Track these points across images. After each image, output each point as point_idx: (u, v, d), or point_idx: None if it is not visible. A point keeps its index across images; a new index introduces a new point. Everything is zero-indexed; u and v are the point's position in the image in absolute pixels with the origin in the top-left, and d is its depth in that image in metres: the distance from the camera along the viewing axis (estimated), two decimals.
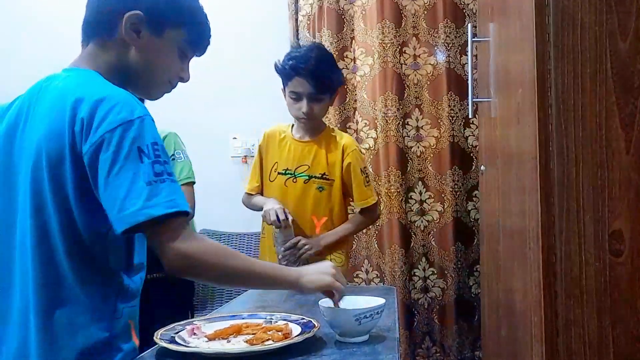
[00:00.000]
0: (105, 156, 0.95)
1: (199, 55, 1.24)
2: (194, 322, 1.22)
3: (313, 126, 2.08)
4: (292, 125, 2.14)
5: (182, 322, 1.22)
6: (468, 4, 2.92)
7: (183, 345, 1.06)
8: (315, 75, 1.95)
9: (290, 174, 2.05)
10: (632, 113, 1.15)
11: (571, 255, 1.15)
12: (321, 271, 1.19)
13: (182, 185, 2.06)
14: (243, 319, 1.25)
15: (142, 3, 1.10)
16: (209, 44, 1.23)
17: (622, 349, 1.15)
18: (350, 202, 2.16)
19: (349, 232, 2.12)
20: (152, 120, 1.01)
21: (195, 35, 1.19)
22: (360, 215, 2.15)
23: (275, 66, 2.04)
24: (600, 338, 1.15)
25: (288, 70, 1.97)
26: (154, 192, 0.95)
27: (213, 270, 1.03)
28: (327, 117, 2.86)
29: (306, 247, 1.96)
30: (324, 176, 2.04)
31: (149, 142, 0.98)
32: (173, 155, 2.13)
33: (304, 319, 1.19)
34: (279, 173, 2.07)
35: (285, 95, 2.06)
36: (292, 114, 2.05)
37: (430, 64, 2.94)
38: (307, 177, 2.03)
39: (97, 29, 1.12)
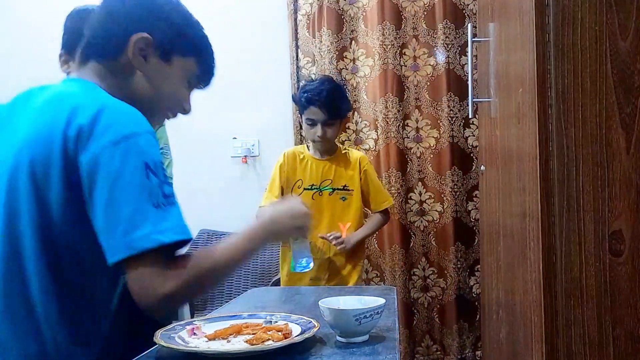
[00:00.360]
0: (108, 170, 0.88)
1: (203, 88, 1.18)
2: (194, 322, 1.22)
3: (327, 147, 2.38)
4: (307, 147, 2.45)
5: (182, 322, 1.22)
6: (468, 4, 2.93)
7: (182, 345, 1.06)
8: (327, 105, 2.27)
9: (316, 188, 2.34)
10: (632, 113, 1.15)
11: (571, 255, 1.15)
12: (290, 214, 1.16)
13: None
14: (243, 318, 1.24)
15: (151, 27, 1.04)
16: (213, 76, 1.17)
17: (622, 349, 1.15)
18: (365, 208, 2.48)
19: (371, 232, 2.47)
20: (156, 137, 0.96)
21: (203, 66, 1.13)
22: (376, 216, 2.46)
23: (293, 98, 2.52)
24: (601, 338, 1.15)
25: (304, 102, 2.30)
26: (162, 216, 0.89)
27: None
28: None
29: (339, 240, 2.25)
30: (345, 187, 2.36)
31: (156, 159, 0.92)
32: (162, 149, 2.11)
33: (303, 319, 1.19)
34: (305, 189, 2.35)
35: (302, 122, 2.41)
36: (309, 138, 2.38)
37: (429, 65, 2.96)
38: (331, 190, 2.35)
39: (102, 49, 1.06)
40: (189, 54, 1.10)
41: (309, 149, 2.43)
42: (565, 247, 1.16)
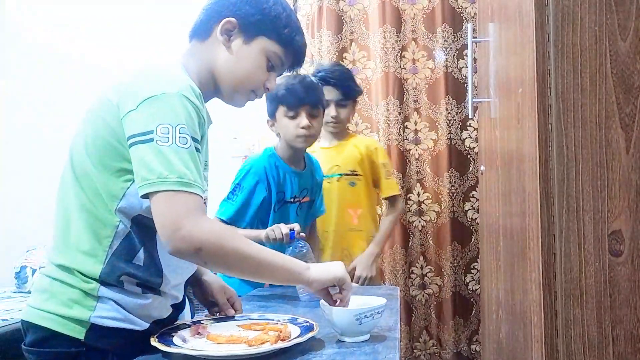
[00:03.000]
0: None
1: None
2: (201, 322, 1.21)
3: (339, 130, 2.35)
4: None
5: (188, 321, 1.23)
6: (466, 8, 2.97)
7: (179, 347, 1.05)
8: (341, 83, 2.26)
9: (325, 176, 2.25)
10: (632, 113, 1.15)
11: (571, 255, 1.15)
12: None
13: None
14: (251, 320, 1.24)
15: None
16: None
17: (621, 349, 1.15)
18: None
19: (384, 237, 2.38)
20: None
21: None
22: (385, 219, 2.41)
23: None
24: (600, 338, 1.15)
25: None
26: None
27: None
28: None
29: (361, 277, 2.22)
30: (354, 172, 2.31)
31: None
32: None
33: (307, 321, 1.18)
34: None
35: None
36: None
37: (428, 67, 2.99)
38: (338, 176, 2.30)
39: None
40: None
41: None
42: (565, 247, 1.16)
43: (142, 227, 1.10)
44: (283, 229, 1.71)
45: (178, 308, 1.26)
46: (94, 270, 1.08)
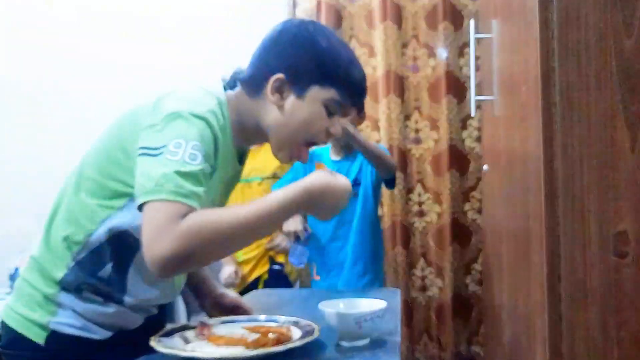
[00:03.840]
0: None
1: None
2: (208, 322, 1.20)
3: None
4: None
5: (194, 321, 1.22)
6: (467, 5, 2.95)
7: (179, 349, 1.04)
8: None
9: (243, 180, 2.05)
10: (637, 111, 1.13)
11: (575, 256, 1.13)
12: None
13: None
14: (258, 321, 1.23)
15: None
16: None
17: (627, 353, 1.13)
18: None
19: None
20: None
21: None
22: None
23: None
24: (605, 341, 1.13)
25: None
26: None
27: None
28: None
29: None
30: (276, 176, 2.21)
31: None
32: None
33: (310, 325, 1.16)
34: None
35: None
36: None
37: (429, 66, 2.98)
38: (259, 179, 2.18)
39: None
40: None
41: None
42: (569, 249, 1.14)
43: (122, 245, 1.08)
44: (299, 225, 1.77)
45: (159, 315, 1.24)
46: (56, 274, 1.07)
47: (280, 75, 1.11)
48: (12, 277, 3.23)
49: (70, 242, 1.08)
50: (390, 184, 2.34)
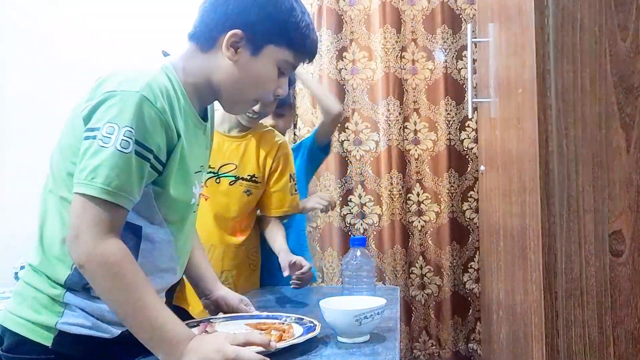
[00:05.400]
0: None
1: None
2: (211, 320, 1.22)
3: (261, 118, 1.83)
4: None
5: (198, 319, 1.23)
6: (465, 9, 2.99)
7: None
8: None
9: (215, 173, 1.78)
10: (632, 113, 1.15)
11: (571, 255, 1.15)
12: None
13: None
14: (261, 319, 1.24)
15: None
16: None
17: (622, 350, 1.15)
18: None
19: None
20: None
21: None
22: (279, 234, 1.83)
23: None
24: (601, 339, 1.15)
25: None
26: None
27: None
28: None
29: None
30: (253, 178, 1.79)
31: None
32: None
33: (312, 322, 1.18)
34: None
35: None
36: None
37: (428, 68, 3.01)
38: (232, 178, 1.77)
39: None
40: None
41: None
42: (566, 248, 1.15)
43: (123, 237, 1.06)
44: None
45: None
46: (60, 275, 1.05)
47: (237, 31, 1.09)
48: (17, 276, 3.23)
49: None
50: (326, 149, 2.28)
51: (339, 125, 2.81)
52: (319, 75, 2.99)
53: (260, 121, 1.85)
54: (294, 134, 3.00)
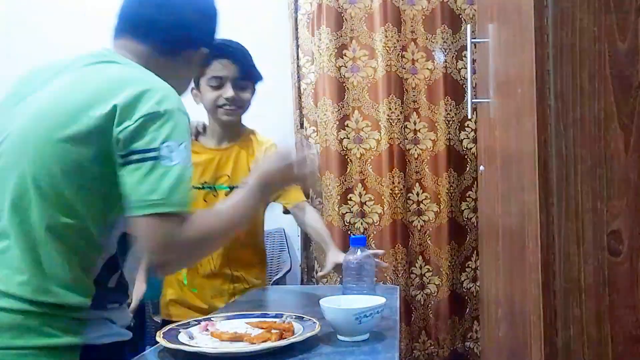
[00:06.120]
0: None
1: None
2: (211, 319, 1.23)
3: (235, 122, 1.85)
4: (197, 133, 1.89)
5: (197, 319, 1.24)
6: (465, 9, 3.00)
7: (184, 344, 1.06)
8: (239, 57, 1.77)
9: (209, 187, 1.83)
10: (631, 113, 1.15)
11: (570, 255, 1.16)
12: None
13: None
14: (261, 317, 1.25)
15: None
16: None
17: (621, 349, 1.15)
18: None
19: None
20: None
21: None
22: (315, 218, 1.88)
23: None
24: (599, 337, 1.16)
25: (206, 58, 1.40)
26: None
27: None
28: (324, 110, 2.89)
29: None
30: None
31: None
32: None
33: (312, 320, 1.19)
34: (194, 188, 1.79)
35: (198, 91, 1.79)
36: (212, 104, 1.78)
37: (427, 68, 3.01)
38: (227, 189, 1.81)
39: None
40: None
41: (198, 137, 1.87)
42: (564, 247, 1.16)
43: (121, 247, 1.09)
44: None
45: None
46: (83, 303, 1.01)
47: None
48: None
49: (83, 264, 1.03)
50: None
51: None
52: (318, 72, 2.98)
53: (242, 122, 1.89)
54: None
